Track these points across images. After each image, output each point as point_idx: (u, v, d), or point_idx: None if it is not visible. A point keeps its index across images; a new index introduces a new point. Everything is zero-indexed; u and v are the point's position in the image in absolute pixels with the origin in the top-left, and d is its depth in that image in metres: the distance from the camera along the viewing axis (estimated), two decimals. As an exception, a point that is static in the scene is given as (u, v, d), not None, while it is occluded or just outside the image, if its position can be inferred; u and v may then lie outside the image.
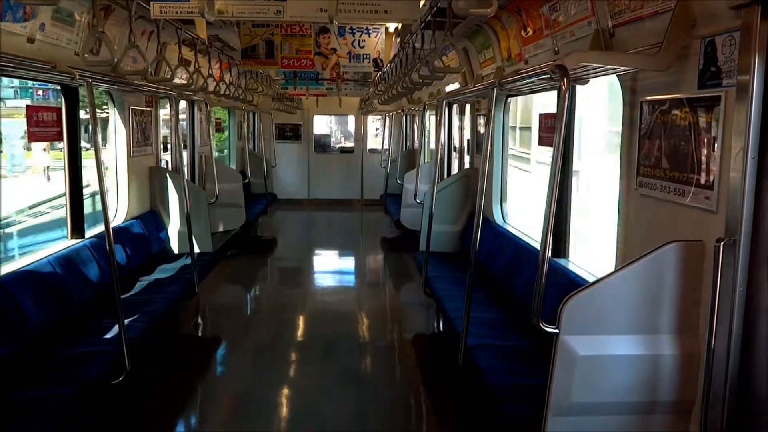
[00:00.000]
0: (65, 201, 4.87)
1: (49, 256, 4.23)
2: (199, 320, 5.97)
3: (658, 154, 2.72)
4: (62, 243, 4.72)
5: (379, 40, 6.39)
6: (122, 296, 3.73)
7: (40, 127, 4.20)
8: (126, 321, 3.71)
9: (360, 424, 3.95)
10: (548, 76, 2.65)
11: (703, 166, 2.41)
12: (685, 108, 2.52)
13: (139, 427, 3.84)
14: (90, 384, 3.22)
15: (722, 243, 2.18)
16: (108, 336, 3.85)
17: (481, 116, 6.55)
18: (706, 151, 2.39)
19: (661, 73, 2.57)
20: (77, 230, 4.86)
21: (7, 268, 3.85)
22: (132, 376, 3.67)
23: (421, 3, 4.39)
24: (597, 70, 2.77)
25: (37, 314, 3.73)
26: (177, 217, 6.28)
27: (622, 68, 2.67)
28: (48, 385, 3.12)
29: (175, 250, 6.30)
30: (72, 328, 3.94)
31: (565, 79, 2.40)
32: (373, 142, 15.16)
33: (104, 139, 5.79)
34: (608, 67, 2.65)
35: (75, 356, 3.52)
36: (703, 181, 2.41)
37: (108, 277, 4.28)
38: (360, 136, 14.64)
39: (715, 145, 2.33)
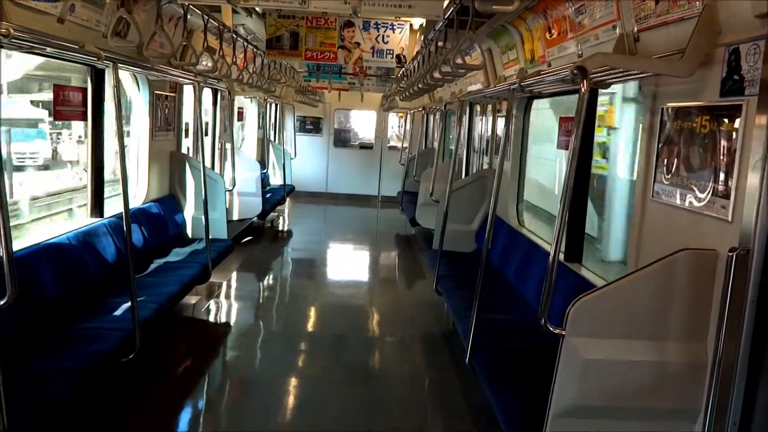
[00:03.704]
0: (88, 180, 4.96)
1: (68, 232, 4.31)
2: (211, 305, 6.03)
3: (676, 161, 2.70)
4: (82, 220, 4.81)
5: (404, 36, 6.39)
6: (137, 276, 3.79)
7: (65, 105, 4.29)
8: (139, 300, 3.77)
9: (365, 418, 3.96)
10: (569, 78, 2.65)
11: (721, 175, 2.39)
12: (705, 116, 2.50)
13: (146, 406, 3.90)
14: (100, 360, 3.28)
15: (735, 253, 2.17)
16: (120, 314, 3.92)
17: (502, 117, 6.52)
18: (724, 161, 2.37)
19: (684, 80, 2.55)
20: (97, 209, 4.95)
21: (28, 242, 3.94)
22: (142, 355, 3.73)
23: (446, 0, 4.39)
24: (618, 73, 2.76)
25: (54, 288, 3.81)
26: (194, 202, 6.36)
27: (643, 73, 2.65)
28: (60, 358, 3.19)
29: (191, 235, 6.38)
30: (86, 304, 4.02)
31: (585, 82, 2.39)
32: (395, 139, 15.18)
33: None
34: (630, 71, 2.64)
35: (88, 331, 3.58)
36: (719, 190, 2.39)
37: (124, 256, 4.35)
38: (380, 133, 14.68)
39: (734, 154, 2.31)
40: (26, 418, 2.63)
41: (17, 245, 3.69)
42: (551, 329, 2.36)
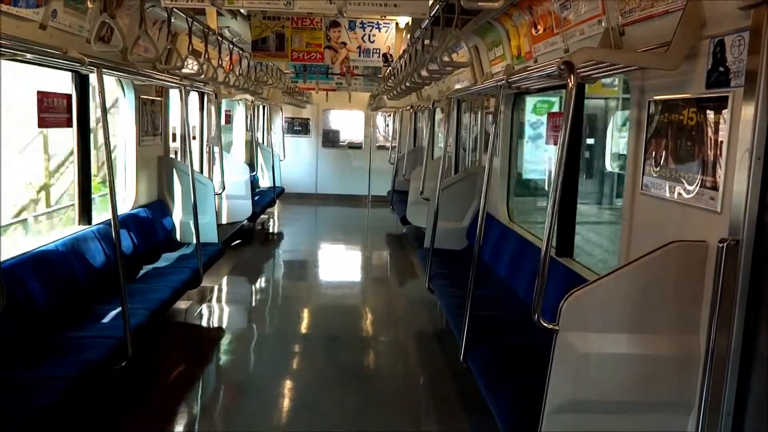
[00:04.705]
0: (75, 187, 4.92)
1: (56, 241, 4.27)
2: (203, 310, 6.00)
3: (665, 154, 2.71)
4: (70, 228, 4.77)
5: (390, 35, 6.38)
6: (127, 283, 3.76)
7: (50, 112, 4.24)
8: (130, 307, 3.74)
9: (360, 419, 3.95)
10: (556, 73, 2.65)
11: (709, 167, 2.40)
12: (692, 108, 2.51)
13: (140, 413, 3.86)
14: (92, 368, 3.25)
15: (725, 244, 2.18)
16: (111, 321, 3.88)
17: (490, 114, 6.53)
18: (712, 152, 2.38)
19: (670, 73, 2.55)
20: (85, 216, 4.91)
21: (16, 251, 3.89)
22: (134, 362, 3.70)
23: (431, -2, 4.38)
24: (605, 68, 2.77)
25: (43, 297, 3.77)
26: (184, 206, 6.32)
27: (629, 66, 2.66)
28: (51, 367, 3.15)
29: (181, 240, 6.34)
30: (76, 313, 3.98)
31: (572, 77, 2.38)
32: (382, 140, 15.17)
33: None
34: (616, 65, 2.64)
35: (78, 340, 3.55)
36: (708, 182, 2.40)
37: (113, 263, 4.32)
38: (369, 132, 14.67)
39: (722, 145, 2.32)
40: (17, 426, 2.60)
41: (3, 255, 3.66)
42: (544, 325, 2.36)
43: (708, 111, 2.41)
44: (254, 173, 11.16)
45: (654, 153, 2.80)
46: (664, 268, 2.36)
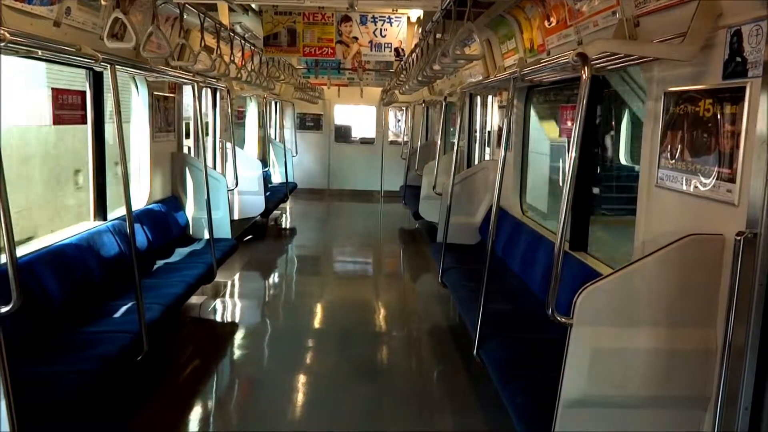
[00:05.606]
0: (90, 184, 4.97)
1: (72, 237, 4.31)
2: (217, 305, 6.04)
3: (680, 147, 2.68)
4: (85, 225, 4.81)
5: (401, 29, 6.36)
6: (141, 278, 3.79)
7: (65, 110, 4.28)
8: (145, 303, 3.77)
9: (374, 414, 3.96)
10: (569, 65, 2.62)
11: (726, 159, 2.36)
12: (708, 99, 2.47)
13: (156, 407, 3.90)
14: (108, 363, 3.28)
15: (743, 237, 2.15)
16: (126, 316, 3.92)
17: (503, 108, 6.49)
18: (728, 144, 2.35)
19: (686, 64, 2.52)
20: (100, 213, 4.96)
21: (32, 247, 3.94)
22: (150, 356, 3.73)
23: (443, -9, 4.36)
24: (619, 59, 2.73)
25: (59, 293, 3.81)
26: (197, 202, 6.36)
27: (644, 57, 2.63)
28: (68, 362, 3.18)
29: (194, 235, 6.38)
30: (92, 308, 4.02)
31: (586, 68, 2.36)
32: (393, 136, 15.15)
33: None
34: (631, 56, 2.61)
35: (95, 335, 3.58)
36: (725, 174, 2.36)
37: (128, 258, 4.35)
38: (381, 128, 14.66)
39: (739, 137, 2.28)
40: (35, 420, 2.64)
41: (20, 251, 3.70)
42: (559, 319, 2.35)
43: (725, 102, 2.37)
44: (267, 169, 11.20)
45: (669, 145, 2.77)
46: (680, 261, 2.34)
